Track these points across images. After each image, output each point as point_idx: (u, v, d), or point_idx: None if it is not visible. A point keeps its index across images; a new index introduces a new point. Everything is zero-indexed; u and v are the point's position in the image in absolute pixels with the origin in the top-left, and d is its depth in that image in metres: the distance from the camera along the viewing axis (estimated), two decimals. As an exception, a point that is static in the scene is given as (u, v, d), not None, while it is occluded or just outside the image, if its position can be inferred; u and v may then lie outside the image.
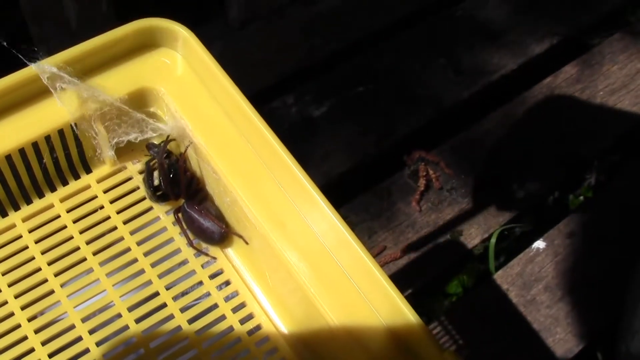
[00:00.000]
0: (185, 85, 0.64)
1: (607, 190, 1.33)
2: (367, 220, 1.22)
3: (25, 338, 0.59)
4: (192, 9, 1.35)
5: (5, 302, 0.60)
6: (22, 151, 0.61)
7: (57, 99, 0.61)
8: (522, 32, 1.50)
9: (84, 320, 0.60)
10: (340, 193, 1.21)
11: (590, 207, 1.30)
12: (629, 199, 1.30)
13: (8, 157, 0.60)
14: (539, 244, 1.25)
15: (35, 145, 0.61)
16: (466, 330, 1.14)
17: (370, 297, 0.56)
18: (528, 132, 1.37)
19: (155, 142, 0.65)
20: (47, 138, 0.61)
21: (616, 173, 1.37)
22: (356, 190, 1.26)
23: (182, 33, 0.62)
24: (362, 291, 0.56)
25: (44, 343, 0.59)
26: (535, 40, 1.49)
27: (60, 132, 0.62)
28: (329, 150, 1.28)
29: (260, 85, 1.31)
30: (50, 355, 0.59)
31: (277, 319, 0.63)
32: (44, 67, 0.59)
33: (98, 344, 0.60)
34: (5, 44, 0.59)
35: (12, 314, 0.60)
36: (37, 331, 0.60)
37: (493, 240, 1.25)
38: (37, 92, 0.61)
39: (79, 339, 0.60)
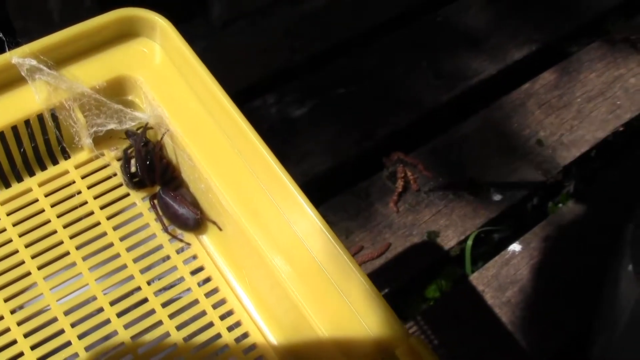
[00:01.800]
0: (163, 75, 0.65)
1: (584, 197, 1.35)
2: (345, 220, 1.23)
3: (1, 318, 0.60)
4: (175, 7, 1.36)
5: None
6: (1, 134, 0.62)
7: (34, 89, 0.62)
8: (502, 38, 1.52)
9: (59, 301, 0.61)
10: (319, 192, 1.23)
11: (568, 213, 1.31)
12: (606, 206, 1.32)
13: (-12, 140, 0.62)
14: (515, 246, 1.26)
15: (14, 129, 0.62)
16: (442, 330, 1.16)
17: (343, 288, 0.57)
18: (506, 137, 1.39)
19: (134, 130, 0.66)
20: (27, 123, 0.62)
21: (594, 180, 1.38)
22: (335, 190, 1.27)
23: (160, 23, 0.64)
24: (336, 284, 0.57)
25: (19, 323, 0.60)
26: (514, 47, 1.51)
27: (40, 118, 0.63)
28: (308, 150, 1.30)
29: (242, 84, 1.32)
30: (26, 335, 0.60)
31: (247, 302, 0.65)
32: (24, 60, 0.60)
33: (73, 325, 0.61)
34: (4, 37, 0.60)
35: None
36: (12, 311, 0.61)
37: (469, 242, 1.26)
38: (16, 78, 0.62)
39: (54, 319, 0.61)
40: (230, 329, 0.63)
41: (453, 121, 1.39)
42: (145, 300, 0.63)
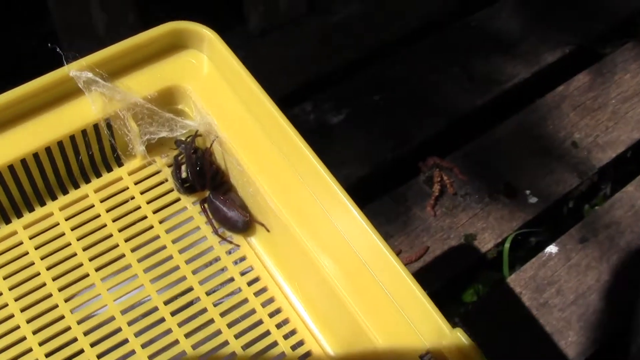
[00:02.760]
0: (211, 84, 0.68)
1: (621, 198, 1.35)
2: (383, 225, 1.25)
3: (62, 317, 0.64)
4: (213, 19, 1.39)
5: (44, 284, 0.65)
6: (60, 144, 0.65)
7: (91, 100, 0.65)
8: (535, 41, 1.54)
9: (116, 301, 0.65)
10: (358, 198, 1.25)
11: (604, 215, 1.32)
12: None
13: (47, 150, 0.65)
14: (552, 248, 1.27)
15: (72, 138, 0.66)
16: (480, 333, 1.17)
17: (394, 295, 0.59)
18: (541, 139, 1.40)
19: (183, 139, 0.70)
20: (84, 132, 0.66)
21: (631, 182, 1.39)
22: (373, 195, 1.30)
23: (208, 35, 0.67)
24: (384, 287, 0.60)
25: (79, 322, 0.64)
26: (547, 50, 1.52)
27: (96, 127, 0.66)
28: (346, 156, 1.32)
29: (280, 92, 1.35)
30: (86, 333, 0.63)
31: (295, 300, 0.67)
32: (81, 73, 0.63)
33: (129, 323, 0.64)
34: (57, 49, 0.63)
35: (50, 295, 0.64)
36: (72, 310, 0.64)
37: (507, 245, 1.28)
38: (73, 90, 0.65)
39: (112, 318, 0.64)
40: (278, 326, 0.66)
41: (488, 125, 1.40)
42: (197, 300, 0.66)
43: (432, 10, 1.57)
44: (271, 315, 0.66)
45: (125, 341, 0.63)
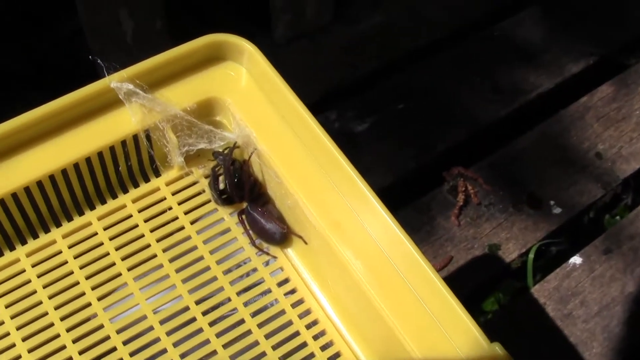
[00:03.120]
0: (249, 96, 0.69)
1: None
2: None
3: (101, 326, 0.64)
4: (238, 26, 1.40)
5: (83, 294, 0.65)
6: (100, 154, 0.66)
7: (131, 112, 0.66)
8: (558, 52, 1.54)
9: (155, 311, 0.65)
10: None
11: (627, 226, 1.32)
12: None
13: (87, 160, 0.65)
14: (576, 259, 1.27)
15: (112, 149, 0.66)
16: (503, 343, 1.17)
17: (425, 299, 0.60)
18: (565, 150, 1.40)
19: (220, 150, 0.70)
20: (123, 143, 0.66)
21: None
22: (397, 204, 1.30)
23: (247, 48, 0.67)
24: (422, 299, 0.60)
25: (118, 331, 0.64)
26: (571, 60, 1.52)
27: (135, 138, 0.67)
28: (370, 165, 1.32)
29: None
30: (120, 333, 0.64)
31: (331, 312, 0.68)
32: (121, 85, 0.64)
33: (168, 333, 0.64)
34: (98, 60, 0.64)
35: (89, 304, 0.65)
36: (112, 320, 0.64)
37: (531, 255, 1.28)
38: (114, 101, 0.66)
39: (150, 328, 0.64)
40: (315, 337, 0.66)
41: (512, 135, 1.41)
42: (234, 311, 0.66)
43: (456, 20, 1.58)
44: (308, 326, 0.67)
45: (164, 351, 0.64)
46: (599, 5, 1.62)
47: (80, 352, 0.63)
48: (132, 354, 0.63)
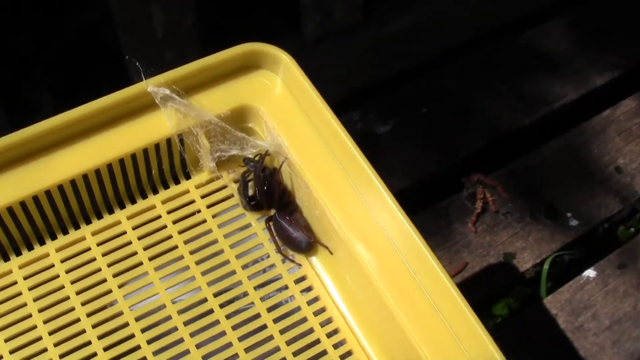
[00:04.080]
0: (283, 106, 0.70)
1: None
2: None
3: (127, 324, 0.66)
4: (268, 24, 1.41)
5: (110, 291, 0.66)
6: (133, 156, 0.67)
7: (166, 116, 0.67)
8: (584, 63, 1.54)
9: (180, 312, 0.66)
10: (400, 210, 1.26)
11: (642, 240, 1.32)
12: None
13: (120, 161, 0.67)
14: (590, 272, 1.28)
15: (145, 152, 0.67)
16: (512, 352, 1.18)
17: (444, 312, 0.61)
18: (585, 162, 1.40)
19: (251, 157, 0.71)
20: (157, 146, 0.68)
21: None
22: (415, 207, 1.31)
23: (284, 58, 0.68)
24: (444, 318, 0.61)
25: (143, 330, 0.66)
26: (596, 72, 1.52)
27: (168, 142, 0.68)
28: (390, 167, 1.33)
29: (329, 100, 1.36)
30: (143, 331, 0.66)
31: (353, 323, 0.69)
32: (158, 89, 0.65)
33: (192, 335, 0.66)
34: (140, 66, 0.65)
35: (115, 301, 0.66)
36: (137, 319, 0.66)
37: (546, 266, 1.28)
38: (149, 104, 0.67)
39: (174, 329, 0.66)
40: (335, 346, 0.68)
41: (533, 144, 1.41)
42: (257, 316, 0.67)
43: (484, 26, 1.58)
44: (329, 335, 0.68)
45: (187, 352, 0.65)
46: (626, 19, 1.62)
47: (100, 337, 0.64)
48: (149, 342, 0.65)
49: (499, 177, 1.36)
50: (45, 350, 0.63)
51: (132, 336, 0.65)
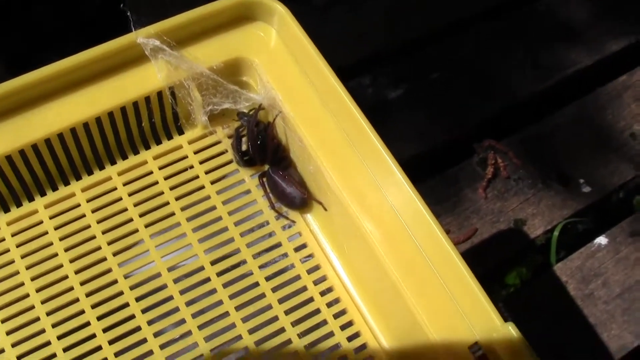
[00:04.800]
0: (278, 58, 0.68)
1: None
2: (433, 204, 1.24)
3: (115, 282, 0.65)
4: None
5: (99, 248, 0.65)
6: (122, 110, 0.65)
7: (156, 68, 0.65)
8: (601, 29, 1.50)
9: (170, 270, 0.65)
10: (410, 175, 1.24)
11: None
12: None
13: (110, 114, 0.65)
14: (601, 239, 1.26)
15: (135, 105, 0.66)
16: (523, 319, 1.16)
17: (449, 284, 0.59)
18: (599, 128, 1.37)
19: (245, 111, 0.69)
20: (147, 99, 0.66)
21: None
22: (425, 174, 1.29)
23: (278, 9, 0.66)
24: (440, 277, 0.59)
25: (132, 287, 0.64)
26: (613, 38, 1.49)
27: (159, 95, 0.66)
28: (400, 133, 1.31)
29: (339, 64, 1.34)
30: (133, 290, 0.64)
31: (347, 280, 0.67)
32: (148, 40, 0.63)
33: (181, 292, 0.64)
34: (128, 13, 0.63)
35: (104, 259, 0.65)
36: (126, 276, 0.64)
37: (556, 233, 1.26)
38: (139, 56, 0.65)
39: (164, 286, 0.65)
40: (329, 305, 0.66)
41: (546, 111, 1.38)
42: (250, 273, 0.66)
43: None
44: (323, 293, 0.67)
45: (177, 309, 0.64)
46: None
47: (93, 306, 0.63)
48: (144, 311, 0.64)
49: (511, 143, 1.34)
50: (37, 319, 0.62)
51: (126, 305, 0.64)
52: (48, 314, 0.62)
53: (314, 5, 1.39)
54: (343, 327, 0.66)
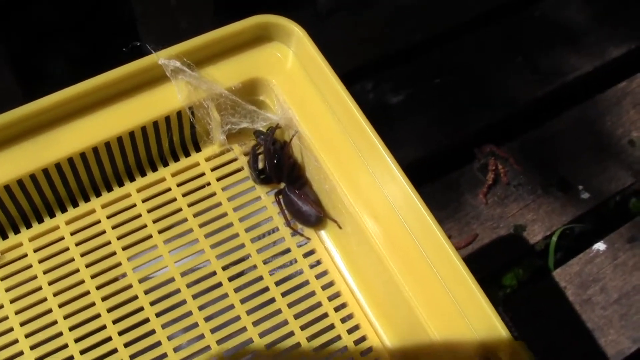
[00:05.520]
0: (294, 79, 0.69)
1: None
2: (434, 209, 1.24)
3: (130, 286, 0.66)
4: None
5: (119, 264, 0.67)
6: (143, 129, 0.67)
7: (177, 89, 0.66)
8: (601, 35, 1.52)
9: (188, 286, 0.67)
10: (411, 180, 1.25)
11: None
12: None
13: (131, 134, 0.66)
14: (600, 245, 1.27)
15: (155, 124, 0.67)
16: (521, 323, 1.18)
17: (460, 301, 0.61)
18: (598, 135, 1.39)
19: (262, 130, 0.71)
20: (167, 119, 0.67)
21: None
22: (426, 178, 1.30)
23: (296, 31, 0.67)
24: (446, 286, 0.61)
25: (146, 292, 0.66)
26: (613, 44, 1.50)
27: (178, 114, 0.68)
28: (402, 137, 1.33)
29: (342, 70, 1.35)
30: (152, 304, 0.66)
31: (360, 297, 0.69)
32: (169, 62, 0.64)
33: (200, 308, 0.66)
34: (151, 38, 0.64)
35: (125, 275, 0.66)
36: (146, 292, 0.66)
37: (554, 238, 1.28)
38: (160, 77, 0.66)
39: (183, 302, 0.66)
40: (343, 320, 0.68)
41: (547, 116, 1.40)
42: (266, 289, 0.68)
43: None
44: (337, 309, 0.68)
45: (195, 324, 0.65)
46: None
47: (109, 310, 0.65)
48: (158, 315, 0.66)
49: (512, 148, 1.36)
50: (55, 322, 0.64)
51: (140, 309, 0.65)
52: (65, 317, 0.64)
53: (317, 12, 1.40)
54: (350, 331, 0.68)
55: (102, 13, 1.32)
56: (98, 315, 0.64)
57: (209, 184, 0.71)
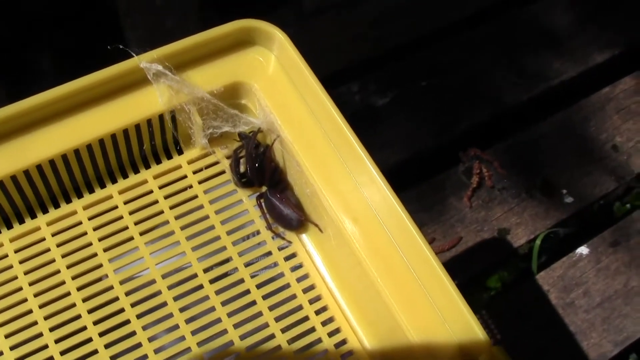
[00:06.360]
0: (276, 83, 0.69)
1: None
2: (419, 212, 1.27)
3: (111, 288, 0.67)
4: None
5: (100, 265, 0.67)
6: (125, 132, 0.67)
7: (158, 92, 0.67)
8: (585, 40, 1.53)
9: (169, 288, 0.67)
10: (395, 182, 1.26)
11: (637, 219, 1.32)
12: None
13: (113, 136, 0.67)
14: (583, 249, 1.28)
15: (137, 127, 0.67)
16: (504, 326, 1.19)
17: (439, 305, 0.62)
18: (582, 140, 1.40)
19: (246, 133, 0.71)
20: (149, 122, 0.67)
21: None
22: (411, 181, 1.31)
23: (278, 36, 0.68)
24: (426, 290, 0.62)
25: (127, 293, 0.67)
26: (597, 49, 1.51)
27: (160, 118, 0.68)
28: (388, 139, 1.33)
29: (328, 71, 1.35)
30: (133, 305, 0.66)
31: (341, 300, 0.70)
32: (151, 65, 0.65)
33: (181, 310, 0.66)
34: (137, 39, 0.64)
35: (106, 276, 0.67)
36: (127, 294, 0.66)
37: (538, 242, 1.29)
38: (141, 80, 0.67)
39: (164, 304, 0.66)
40: (324, 323, 0.68)
41: (531, 120, 1.41)
42: (247, 292, 0.68)
43: (486, -1, 1.57)
44: (317, 312, 0.68)
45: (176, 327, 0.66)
46: (629, -3, 1.61)
47: (90, 311, 0.65)
48: (139, 316, 0.66)
49: (496, 152, 1.36)
50: (35, 323, 0.64)
51: (121, 310, 0.66)
52: (46, 318, 0.64)
53: (303, 12, 1.40)
54: (330, 334, 0.69)
55: (88, 8, 1.32)
56: (79, 317, 0.65)
57: (190, 186, 0.71)
